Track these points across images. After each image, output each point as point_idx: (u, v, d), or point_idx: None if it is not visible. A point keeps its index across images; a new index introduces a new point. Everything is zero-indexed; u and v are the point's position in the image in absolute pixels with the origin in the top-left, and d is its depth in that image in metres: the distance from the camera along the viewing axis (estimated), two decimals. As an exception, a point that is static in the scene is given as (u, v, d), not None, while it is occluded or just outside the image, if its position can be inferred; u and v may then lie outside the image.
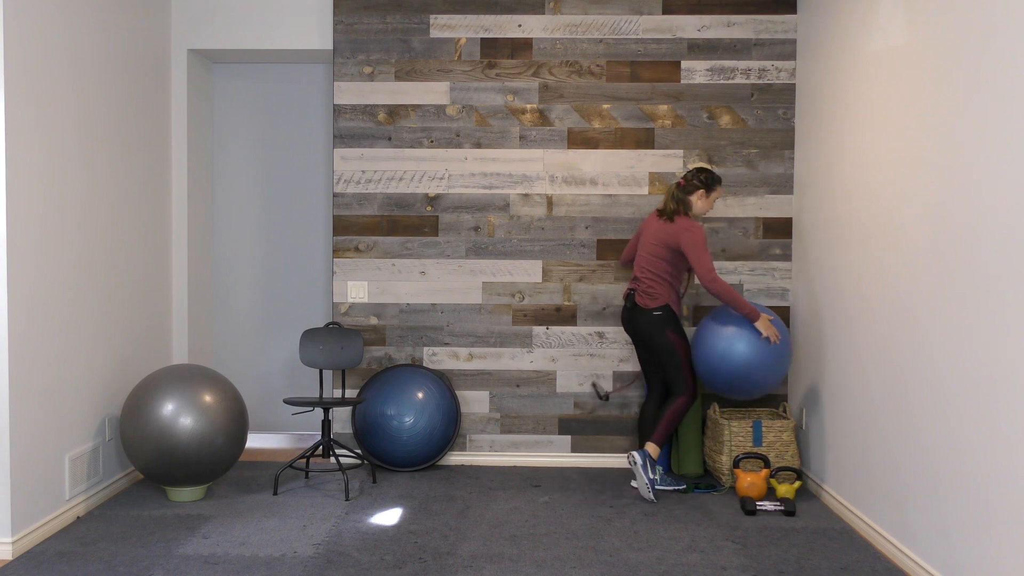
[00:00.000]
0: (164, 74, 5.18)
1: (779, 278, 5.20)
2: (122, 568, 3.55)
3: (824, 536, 4.00)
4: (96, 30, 4.36)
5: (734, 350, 4.44)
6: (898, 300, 3.69)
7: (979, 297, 3.05)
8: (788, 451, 4.78)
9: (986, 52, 3.02)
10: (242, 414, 4.49)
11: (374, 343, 5.26)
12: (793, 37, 5.14)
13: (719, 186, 4.64)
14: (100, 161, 4.41)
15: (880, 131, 3.90)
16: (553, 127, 5.19)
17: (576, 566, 3.61)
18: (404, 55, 5.20)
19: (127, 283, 4.70)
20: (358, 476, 4.98)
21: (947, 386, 3.28)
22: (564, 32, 5.17)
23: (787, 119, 5.16)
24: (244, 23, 5.27)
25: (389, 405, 4.99)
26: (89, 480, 4.32)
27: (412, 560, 3.66)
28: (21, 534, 3.75)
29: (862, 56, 4.12)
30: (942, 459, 3.32)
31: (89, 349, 4.31)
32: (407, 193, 5.23)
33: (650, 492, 4.46)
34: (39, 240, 3.87)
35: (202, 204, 5.53)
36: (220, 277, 5.72)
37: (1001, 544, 2.93)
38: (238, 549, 3.77)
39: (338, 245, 5.25)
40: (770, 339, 4.43)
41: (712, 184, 4.61)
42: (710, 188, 4.61)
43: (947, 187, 3.29)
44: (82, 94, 4.23)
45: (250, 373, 5.73)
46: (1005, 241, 2.90)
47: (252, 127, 5.69)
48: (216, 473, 4.42)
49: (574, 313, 5.22)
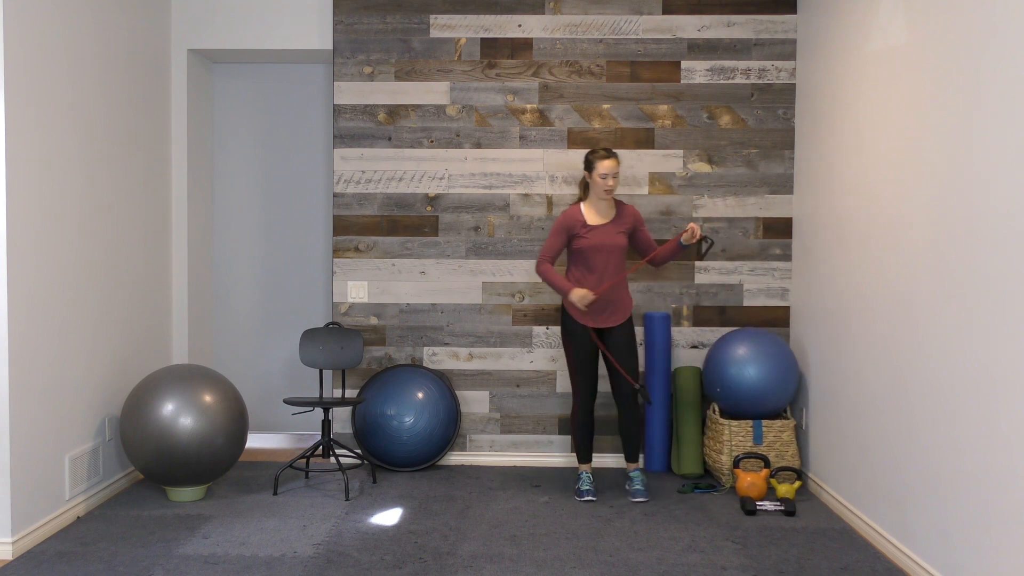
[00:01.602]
0: (164, 74, 5.18)
1: (779, 278, 5.20)
2: (122, 568, 3.55)
3: (824, 536, 4.00)
4: (96, 30, 4.36)
5: (744, 374, 4.73)
6: (898, 299, 3.69)
7: (979, 296, 3.05)
8: (788, 451, 4.78)
9: (986, 52, 3.02)
10: (242, 414, 4.49)
11: (374, 343, 5.26)
12: (793, 37, 5.14)
13: (597, 160, 4.44)
14: (100, 161, 4.41)
15: (880, 131, 3.90)
16: (553, 127, 5.19)
17: (576, 566, 3.61)
18: (404, 55, 5.20)
19: (127, 283, 4.70)
20: (358, 476, 4.98)
21: (947, 386, 3.28)
22: (564, 32, 5.17)
23: (787, 119, 5.16)
24: (244, 23, 5.27)
25: (389, 405, 4.99)
26: (89, 480, 4.32)
27: (412, 560, 3.66)
28: (21, 534, 3.75)
29: (862, 56, 4.12)
30: (942, 459, 3.32)
31: (89, 349, 4.31)
32: (407, 193, 5.23)
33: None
34: (39, 240, 3.86)
35: (202, 204, 5.53)
36: (220, 277, 5.72)
37: (1001, 544, 2.93)
38: (238, 549, 3.77)
39: (338, 245, 5.25)
40: (584, 300, 4.38)
41: (588, 162, 4.48)
42: (589, 167, 4.48)
43: (947, 187, 3.29)
44: (82, 94, 4.23)
45: (250, 373, 5.73)
46: (1005, 240, 2.90)
47: (252, 127, 5.69)
48: (216, 473, 4.42)
49: (574, 313, 5.22)
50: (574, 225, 4.52)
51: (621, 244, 4.52)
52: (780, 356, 4.77)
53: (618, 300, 4.55)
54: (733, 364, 4.77)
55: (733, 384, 4.75)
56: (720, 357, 4.84)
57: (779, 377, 4.74)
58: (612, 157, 4.46)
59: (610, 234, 4.50)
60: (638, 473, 4.64)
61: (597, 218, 4.53)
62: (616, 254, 4.51)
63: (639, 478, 4.62)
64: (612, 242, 4.50)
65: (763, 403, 4.74)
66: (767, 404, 4.75)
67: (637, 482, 4.60)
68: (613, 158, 4.46)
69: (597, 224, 4.51)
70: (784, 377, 4.75)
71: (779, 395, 4.76)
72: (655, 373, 5.04)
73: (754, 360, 4.74)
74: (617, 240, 4.50)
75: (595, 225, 4.51)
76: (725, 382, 4.78)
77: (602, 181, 4.45)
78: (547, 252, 4.55)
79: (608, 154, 4.47)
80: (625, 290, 4.59)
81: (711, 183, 5.18)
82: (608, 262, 4.51)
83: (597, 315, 4.53)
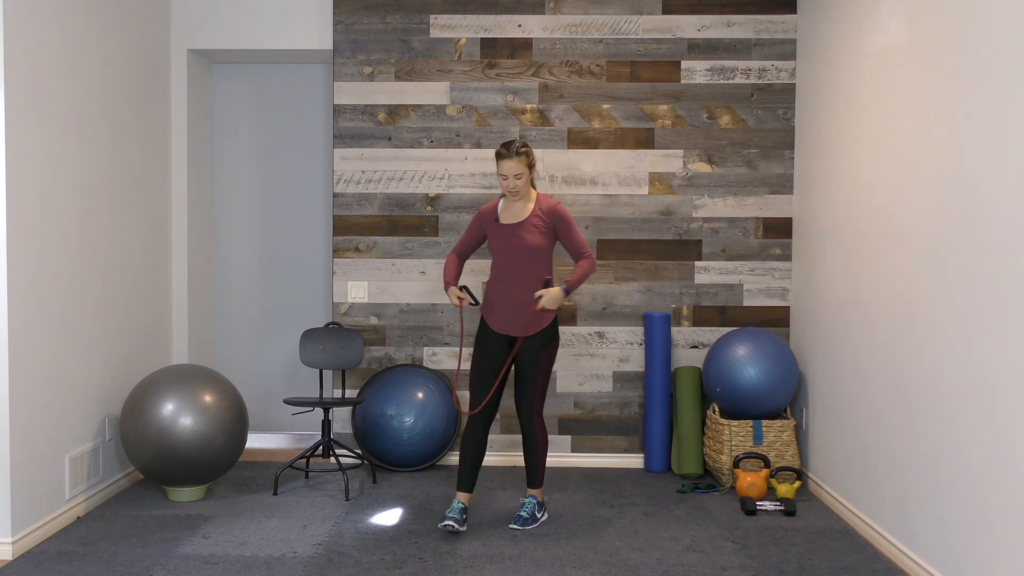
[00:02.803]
0: (164, 74, 5.18)
1: (779, 278, 5.20)
2: (122, 568, 3.55)
3: (824, 536, 4.00)
4: (96, 30, 4.36)
5: (744, 374, 4.72)
6: (898, 299, 3.69)
7: (979, 295, 3.05)
8: (788, 451, 4.78)
9: (986, 52, 3.02)
10: (242, 414, 4.49)
11: (374, 343, 5.26)
12: (793, 37, 5.14)
13: (497, 158, 3.94)
14: (100, 161, 4.41)
15: (880, 131, 3.90)
16: (553, 127, 5.19)
17: (576, 566, 3.60)
18: (404, 55, 5.20)
19: (127, 283, 4.70)
20: (358, 476, 4.98)
21: (947, 385, 3.28)
22: (564, 32, 5.17)
23: (787, 119, 5.16)
24: (244, 23, 5.27)
25: (389, 405, 4.99)
26: (89, 480, 4.32)
27: (412, 560, 3.66)
28: (21, 534, 3.75)
29: (862, 56, 4.12)
30: (942, 459, 3.32)
31: (89, 349, 4.31)
32: (407, 193, 5.23)
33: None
34: (39, 240, 3.86)
35: (202, 204, 5.53)
36: (220, 277, 5.72)
37: (1001, 544, 2.93)
38: (238, 549, 3.77)
39: (338, 245, 5.25)
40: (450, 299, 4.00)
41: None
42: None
43: (947, 186, 3.29)
44: (82, 94, 4.23)
45: (250, 373, 5.73)
46: (1005, 240, 2.90)
47: (252, 127, 5.69)
48: (216, 473, 4.42)
49: (574, 313, 5.22)
50: (485, 219, 4.08)
51: (529, 247, 3.95)
52: (779, 356, 4.77)
53: (528, 307, 4.00)
54: (733, 364, 4.77)
55: (732, 384, 4.75)
56: (720, 357, 4.84)
57: (778, 377, 4.74)
58: (511, 156, 3.90)
59: (514, 235, 3.96)
60: (531, 500, 4.14)
61: (508, 216, 4.03)
62: (524, 259, 3.96)
63: (529, 504, 4.13)
64: (515, 244, 3.95)
65: (762, 403, 4.74)
66: (766, 404, 4.75)
67: (524, 509, 4.12)
68: (513, 158, 3.90)
69: (505, 223, 4.01)
70: (784, 377, 4.75)
71: (779, 395, 4.75)
72: (655, 373, 5.04)
73: (754, 360, 4.74)
74: (522, 243, 3.95)
75: (503, 224, 4.01)
76: (724, 382, 4.78)
77: (503, 182, 3.96)
78: (456, 246, 4.18)
79: (507, 153, 3.91)
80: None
81: (711, 183, 5.18)
82: (516, 268, 3.97)
83: (502, 320, 4.02)
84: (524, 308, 3.99)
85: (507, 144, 3.94)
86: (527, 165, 3.95)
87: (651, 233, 5.19)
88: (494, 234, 4.03)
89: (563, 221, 4.01)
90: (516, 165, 3.91)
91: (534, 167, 4.01)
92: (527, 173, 3.96)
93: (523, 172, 3.93)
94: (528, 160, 3.95)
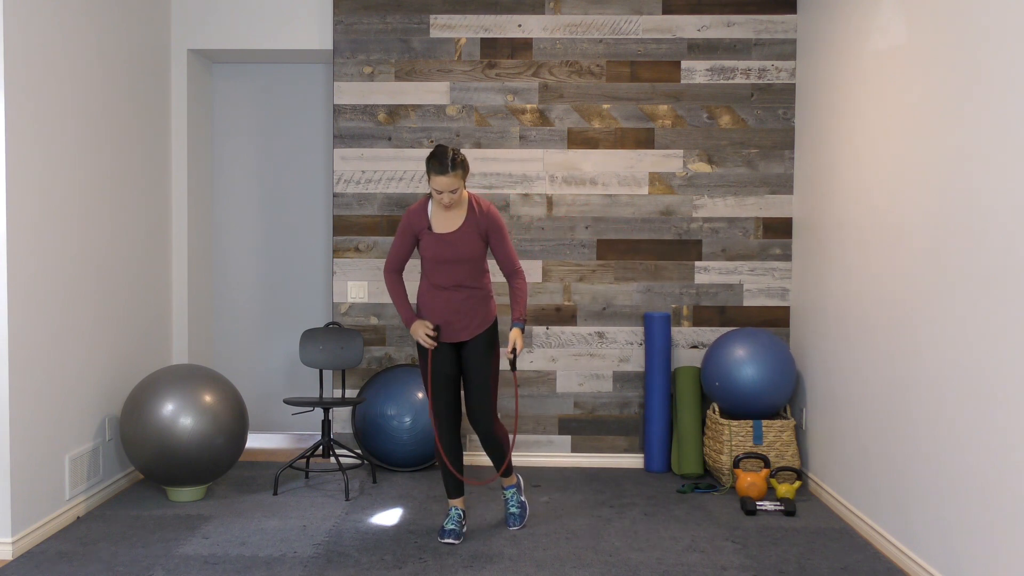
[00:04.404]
0: (164, 74, 5.18)
1: (779, 278, 5.20)
2: (122, 568, 3.55)
3: (824, 536, 4.00)
4: (96, 30, 4.36)
5: (742, 374, 4.73)
6: (898, 299, 3.69)
7: (978, 295, 3.05)
8: (788, 451, 4.78)
9: (986, 53, 3.02)
10: (242, 414, 4.49)
11: (374, 343, 5.26)
12: (793, 37, 5.14)
13: (430, 173, 3.62)
14: (100, 161, 4.41)
15: (880, 131, 3.90)
16: (553, 127, 5.19)
17: (576, 566, 3.61)
18: (404, 55, 5.20)
19: (127, 283, 4.70)
20: (358, 476, 4.98)
21: (947, 385, 3.28)
22: (564, 32, 5.17)
23: (787, 119, 5.16)
24: (244, 23, 5.27)
25: (389, 405, 4.99)
26: (89, 480, 4.32)
27: (412, 560, 3.66)
28: (21, 534, 3.75)
29: (862, 56, 4.12)
30: (942, 458, 3.32)
31: (89, 349, 4.31)
32: (407, 193, 5.23)
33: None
34: (39, 240, 3.86)
35: (202, 204, 5.53)
36: (220, 277, 5.72)
37: (1001, 544, 2.93)
38: (238, 549, 3.77)
39: (338, 245, 5.25)
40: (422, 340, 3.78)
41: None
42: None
43: (947, 186, 3.29)
44: (82, 94, 4.23)
45: (250, 373, 5.73)
46: (1004, 240, 2.90)
47: (252, 127, 5.69)
48: (216, 473, 4.42)
49: (574, 313, 5.22)
50: (417, 226, 3.77)
51: (469, 258, 3.76)
52: (777, 355, 4.77)
53: (469, 311, 3.82)
54: (730, 363, 4.77)
55: (730, 383, 4.76)
56: (718, 357, 4.84)
57: (775, 376, 4.74)
58: (447, 172, 3.57)
59: (451, 245, 3.73)
60: (513, 492, 4.07)
61: (441, 224, 3.76)
62: (462, 268, 3.76)
63: (514, 498, 4.06)
64: (451, 254, 3.74)
65: (759, 402, 4.74)
66: (763, 403, 4.75)
67: (511, 504, 4.05)
68: (449, 174, 3.58)
69: (440, 232, 3.75)
70: (781, 376, 4.75)
71: (776, 394, 4.76)
72: (655, 373, 5.04)
73: (751, 360, 4.75)
74: (460, 253, 3.74)
75: (438, 233, 3.75)
76: (723, 381, 4.79)
77: (437, 196, 3.65)
78: (391, 260, 3.83)
79: (441, 169, 3.57)
80: (483, 300, 3.84)
81: (711, 183, 5.18)
82: (454, 277, 3.77)
83: (446, 330, 3.84)
84: (467, 311, 3.81)
85: (439, 156, 3.59)
86: (463, 176, 3.65)
87: (651, 233, 5.19)
88: (429, 244, 3.75)
89: (497, 229, 3.79)
90: (452, 180, 3.60)
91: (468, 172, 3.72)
92: (463, 184, 3.67)
93: (459, 186, 3.63)
94: (464, 171, 3.65)
